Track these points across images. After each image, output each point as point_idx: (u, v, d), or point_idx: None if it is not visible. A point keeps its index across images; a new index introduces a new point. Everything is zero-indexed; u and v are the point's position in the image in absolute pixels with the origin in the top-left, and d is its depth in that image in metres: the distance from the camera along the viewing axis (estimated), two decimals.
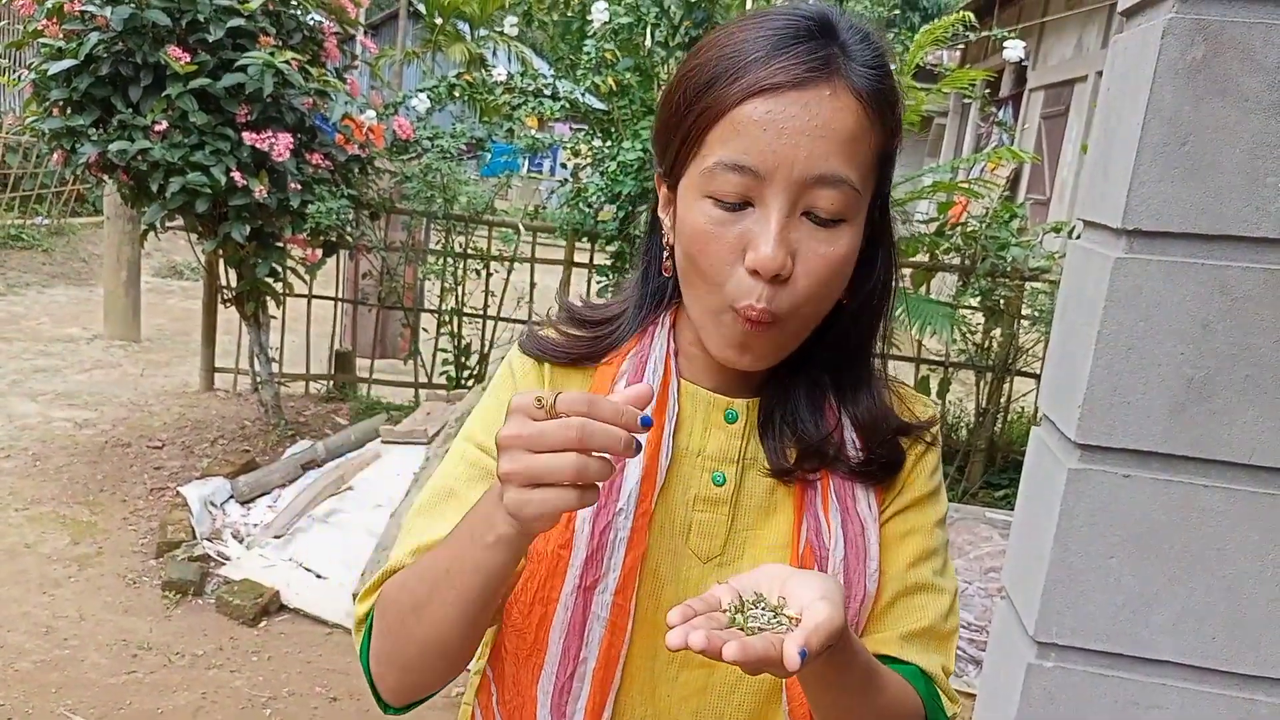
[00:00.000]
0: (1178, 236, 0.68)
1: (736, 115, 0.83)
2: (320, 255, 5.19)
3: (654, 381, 0.96)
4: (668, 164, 0.91)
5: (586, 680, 0.92)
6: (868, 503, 0.96)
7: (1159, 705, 0.73)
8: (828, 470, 0.96)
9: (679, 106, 0.88)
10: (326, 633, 3.68)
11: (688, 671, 0.94)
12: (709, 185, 0.85)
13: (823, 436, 0.95)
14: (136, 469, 4.94)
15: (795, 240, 0.85)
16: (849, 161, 0.84)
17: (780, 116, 0.82)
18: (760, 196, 0.84)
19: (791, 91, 0.83)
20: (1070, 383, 0.74)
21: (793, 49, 0.84)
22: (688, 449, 0.96)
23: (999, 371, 5.33)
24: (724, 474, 0.96)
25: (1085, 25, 9.63)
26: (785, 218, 0.84)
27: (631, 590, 0.92)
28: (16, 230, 10.43)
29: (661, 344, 0.98)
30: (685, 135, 0.87)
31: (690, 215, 0.87)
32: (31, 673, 3.28)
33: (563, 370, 1.00)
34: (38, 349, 7.18)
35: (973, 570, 4.12)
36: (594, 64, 5.04)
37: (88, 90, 4.48)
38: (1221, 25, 0.65)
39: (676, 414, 0.96)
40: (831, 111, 0.83)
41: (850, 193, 0.85)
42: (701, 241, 0.86)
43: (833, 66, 0.84)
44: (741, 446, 0.97)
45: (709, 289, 0.88)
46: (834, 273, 0.87)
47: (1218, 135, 0.67)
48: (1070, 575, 0.73)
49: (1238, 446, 0.69)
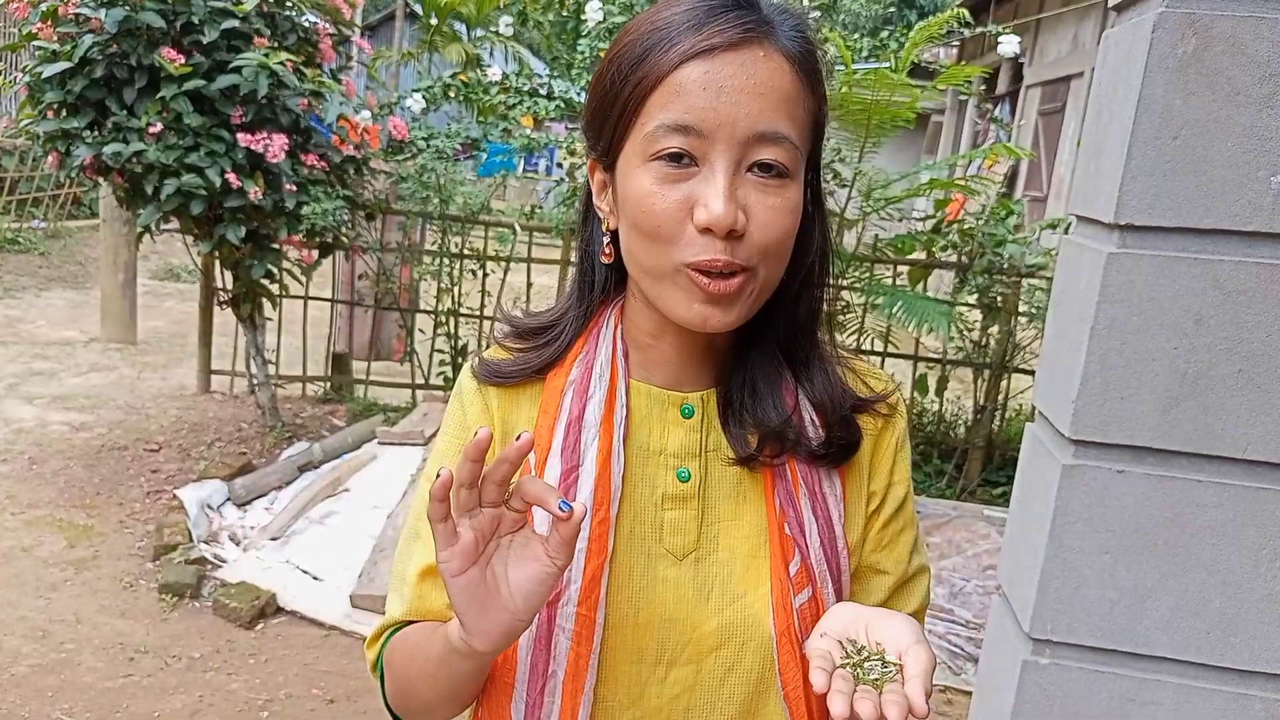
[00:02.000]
0: (1170, 231, 0.68)
1: (675, 79, 0.84)
2: (316, 256, 5.18)
3: (602, 387, 0.96)
4: (605, 142, 0.91)
5: (557, 695, 0.92)
6: (830, 480, 0.97)
7: (1154, 701, 0.73)
8: (791, 455, 0.96)
9: (612, 83, 0.89)
10: (323, 635, 3.68)
11: (676, 669, 0.94)
12: (651, 148, 0.86)
13: (783, 419, 0.95)
14: (133, 472, 4.93)
15: (743, 196, 0.85)
16: (789, 119, 0.86)
17: (719, 76, 0.84)
18: (704, 156, 0.85)
19: (727, 52, 0.84)
20: (1064, 378, 0.73)
21: (722, 16, 0.85)
22: (648, 449, 0.97)
23: (996, 369, 5.33)
24: (688, 469, 0.96)
25: (1081, 21, 9.63)
26: (732, 175, 0.85)
27: (596, 599, 0.91)
28: (12, 234, 10.42)
29: (608, 345, 0.98)
30: (623, 107, 0.88)
31: (634, 182, 0.87)
32: (28, 676, 3.27)
33: (510, 392, 1.00)
34: (34, 352, 7.16)
35: (970, 568, 4.11)
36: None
37: (82, 93, 4.47)
38: (1212, 19, 0.65)
39: (626, 417, 0.96)
40: (767, 71, 0.85)
41: (792, 149, 0.86)
42: (649, 203, 0.86)
43: (763, 29, 0.86)
44: (702, 439, 0.97)
45: (661, 251, 0.87)
46: (786, 223, 0.88)
47: (1209, 129, 0.66)
48: (1065, 572, 0.73)
49: (1231, 441, 0.69)
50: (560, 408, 0.96)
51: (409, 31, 16.35)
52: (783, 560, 0.93)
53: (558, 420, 0.96)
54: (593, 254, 1.00)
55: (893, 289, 5.06)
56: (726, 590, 0.94)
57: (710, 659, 0.94)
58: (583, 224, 1.02)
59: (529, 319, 1.04)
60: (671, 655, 0.93)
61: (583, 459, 0.94)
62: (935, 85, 4.80)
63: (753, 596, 0.93)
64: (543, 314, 1.04)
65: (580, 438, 0.94)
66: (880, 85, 4.35)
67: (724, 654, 0.93)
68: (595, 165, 0.95)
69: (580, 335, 1.00)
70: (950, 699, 3.55)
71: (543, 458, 0.95)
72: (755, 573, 0.94)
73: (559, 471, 0.94)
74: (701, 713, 0.94)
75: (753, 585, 0.94)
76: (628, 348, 0.99)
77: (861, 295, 5.22)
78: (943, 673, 3.65)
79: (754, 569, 0.94)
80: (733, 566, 0.95)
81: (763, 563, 0.94)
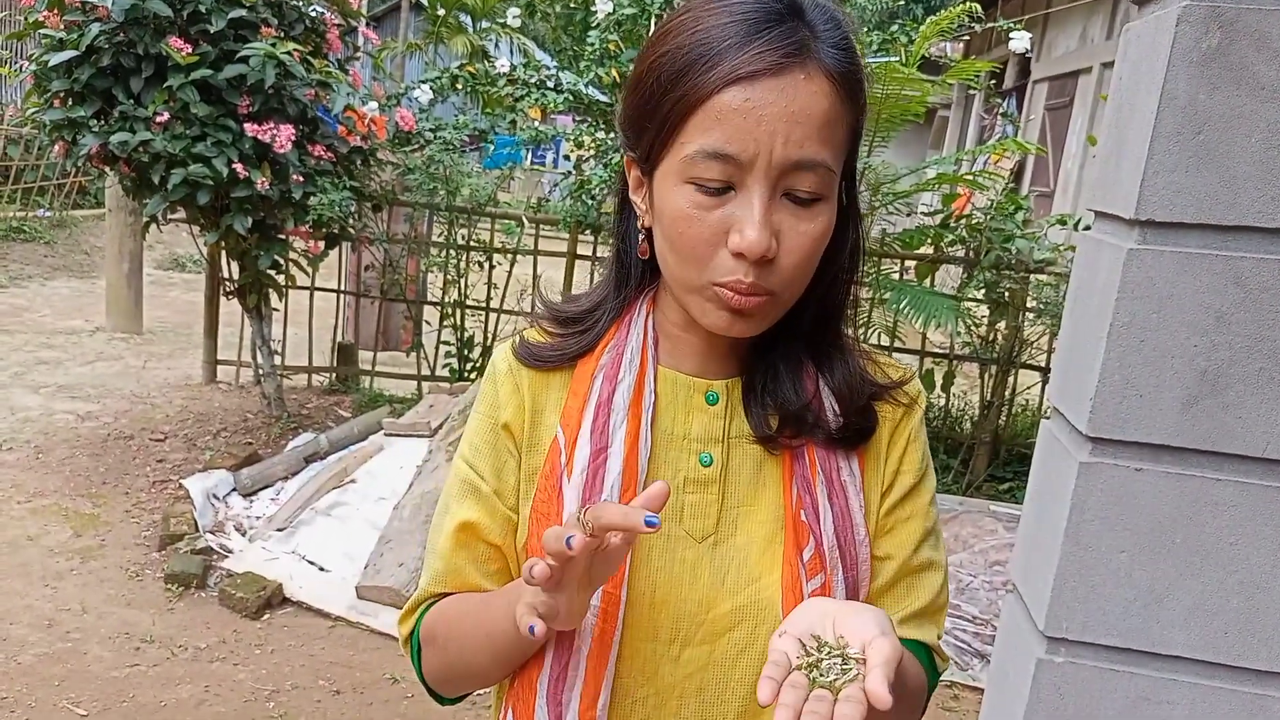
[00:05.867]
0: (1191, 227, 0.67)
1: (715, 104, 0.85)
2: (322, 247, 5.19)
3: (631, 372, 0.98)
4: (643, 151, 0.92)
5: (580, 668, 0.94)
6: (850, 469, 0.99)
7: (1170, 701, 0.72)
8: (810, 440, 0.98)
9: (652, 93, 0.89)
10: (329, 625, 3.69)
11: (690, 649, 0.96)
12: (689, 172, 0.87)
13: (803, 404, 0.98)
14: (139, 461, 4.94)
15: (777, 222, 0.87)
16: (825, 144, 0.87)
17: (759, 104, 0.84)
18: (741, 181, 0.86)
19: (769, 78, 0.84)
20: (1081, 375, 0.73)
21: (765, 34, 0.85)
22: (672, 433, 0.99)
23: (1003, 364, 5.32)
24: (710, 454, 0.98)
25: (1089, 17, 9.59)
26: (768, 201, 0.86)
27: (621, 577, 0.94)
28: (19, 223, 10.43)
29: (638, 333, 1.00)
30: (661, 124, 0.88)
31: (671, 200, 0.89)
32: (34, 666, 3.28)
33: (542, 374, 1.02)
34: (40, 341, 7.18)
35: (977, 563, 4.11)
36: (597, 56, 5.02)
37: (89, 81, 4.47)
38: (1237, 12, 0.64)
39: (654, 402, 0.98)
40: (808, 96, 0.85)
41: (827, 174, 0.88)
42: (684, 225, 0.88)
43: (805, 50, 0.86)
44: (725, 425, 0.99)
45: (693, 269, 0.90)
46: (815, 248, 0.90)
47: (1233, 124, 0.66)
48: (1081, 570, 0.72)
49: (1251, 440, 0.68)
50: (590, 391, 0.98)
51: (414, 23, 16.33)
52: (795, 546, 0.95)
53: (587, 402, 0.98)
54: (630, 247, 1.02)
55: (900, 284, 5.05)
56: (742, 574, 0.96)
57: (723, 640, 0.95)
58: (619, 215, 1.04)
59: (569, 305, 1.06)
60: (686, 635, 0.95)
61: (611, 441, 0.96)
62: (944, 79, 4.79)
63: (767, 581, 0.95)
64: (580, 299, 1.06)
65: (609, 420, 0.97)
66: (890, 79, 4.33)
67: (737, 636, 0.95)
68: (632, 163, 0.96)
69: (614, 323, 1.02)
70: (956, 694, 3.55)
71: (572, 438, 0.97)
72: (771, 557, 0.96)
73: (588, 452, 0.96)
74: (714, 692, 0.96)
75: (767, 570, 0.96)
76: (658, 336, 1.02)
77: (869, 290, 5.21)
78: (949, 668, 3.65)
79: (770, 554, 0.96)
80: (749, 551, 0.97)
81: (778, 548, 0.96)
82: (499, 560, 1.01)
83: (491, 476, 1.00)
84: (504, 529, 1.00)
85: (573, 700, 0.94)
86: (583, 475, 0.95)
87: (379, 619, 3.66)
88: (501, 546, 1.00)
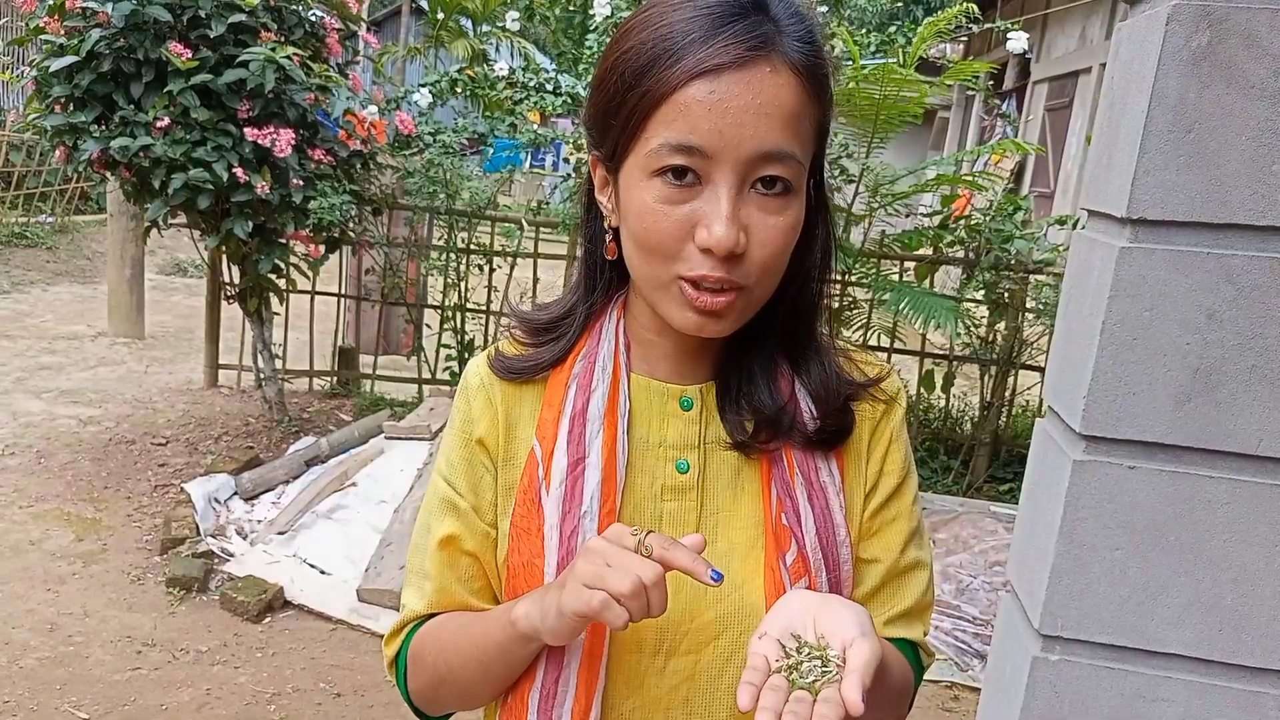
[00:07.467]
0: (1183, 225, 0.68)
1: (680, 98, 0.83)
2: (323, 251, 5.19)
3: (605, 381, 0.97)
4: (608, 149, 0.91)
5: (571, 683, 0.93)
6: (829, 470, 0.98)
7: (1165, 698, 0.72)
8: (787, 443, 0.97)
9: (616, 90, 0.88)
10: (331, 629, 3.69)
11: (675, 660, 0.95)
12: (654, 165, 0.86)
13: (779, 407, 0.96)
14: (141, 466, 4.95)
15: (745, 216, 0.86)
16: (793, 137, 0.86)
17: (725, 96, 0.83)
18: (708, 175, 0.85)
19: (734, 72, 0.83)
20: (1075, 374, 0.73)
21: (730, 27, 0.84)
22: (647, 441, 0.98)
23: (1003, 365, 5.32)
24: (687, 461, 0.97)
25: (1089, 17, 9.59)
26: (735, 196, 0.85)
27: None
28: (21, 228, 10.44)
29: (610, 340, 0.99)
30: (626, 120, 0.87)
31: (637, 195, 0.87)
32: (36, 669, 3.29)
33: (515, 386, 1.01)
34: (42, 346, 7.18)
35: (977, 564, 4.11)
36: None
37: (89, 87, 4.47)
38: (1226, 11, 0.65)
39: (629, 410, 0.97)
40: (774, 89, 0.84)
41: (795, 165, 0.87)
42: (650, 220, 0.87)
43: (770, 44, 0.85)
44: (700, 431, 0.98)
45: (660, 265, 0.88)
46: (785, 242, 0.89)
47: (1223, 123, 0.66)
48: (1075, 568, 0.72)
49: (1244, 437, 0.69)
50: (565, 401, 0.97)
51: (415, 27, 16.34)
52: (777, 550, 0.94)
53: (562, 413, 0.97)
54: (597, 249, 1.00)
55: (900, 285, 5.05)
56: (725, 581, 0.94)
57: (709, 649, 0.94)
58: (585, 217, 1.03)
59: (538, 313, 1.04)
60: (670, 645, 0.94)
61: (588, 451, 0.95)
62: (943, 81, 4.79)
63: (750, 587, 0.94)
64: (550, 307, 1.05)
65: (585, 430, 0.95)
66: (888, 81, 4.34)
67: (722, 644, 0.94)
68: (597, 162, 0.95)
69: (585, 330, 1.01)
70: (957, 695, 3.55)
71: (549, 450, 0.96)
72: (753, 563, 0.95)
73: (566, 464, 0.95)
74: (700, 703, 0.95)
75: (750, 575, 0.95)
76: (629, 341, 1.00)
77: (868, 291, 5.21)
78: (949, 669, 3.65)
79: (751, 559, 0.95)
80: (730, 558, 0.95)
81: (760, 553, 0.95)
82: (483, 577, 1.00)
83: (468, 492, 0.99)
84: (483, 545, 0.99)
85: (564, 716, 0.93)
86: (561, 487, 0.94)
87: (380, 622, 3.66)
88: (482, 562, 1.00)
